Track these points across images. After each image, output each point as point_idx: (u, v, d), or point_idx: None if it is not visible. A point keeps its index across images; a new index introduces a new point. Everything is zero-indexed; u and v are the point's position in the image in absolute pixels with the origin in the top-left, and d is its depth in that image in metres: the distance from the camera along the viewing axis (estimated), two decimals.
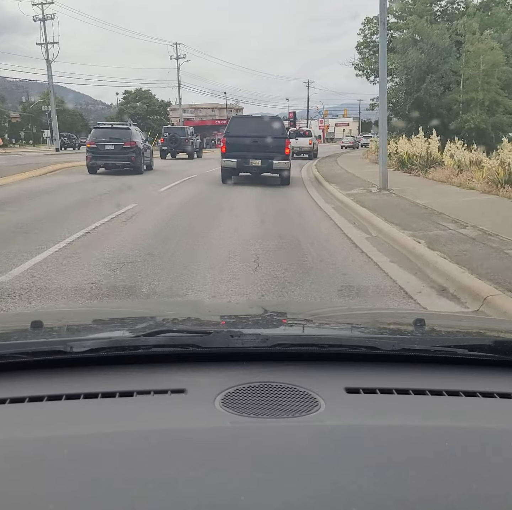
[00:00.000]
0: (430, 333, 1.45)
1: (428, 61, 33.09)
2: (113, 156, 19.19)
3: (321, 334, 1.47)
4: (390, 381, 1.15)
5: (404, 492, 0.77)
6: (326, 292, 4.91)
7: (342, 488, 0.77)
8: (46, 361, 1.18)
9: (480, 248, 6.26)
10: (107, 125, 22.08)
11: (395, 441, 0.92)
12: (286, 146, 15.38)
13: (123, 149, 19.14)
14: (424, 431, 0.96)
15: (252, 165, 15.26)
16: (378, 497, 0.75)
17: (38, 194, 13.11)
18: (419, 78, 33.26)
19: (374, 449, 0.88)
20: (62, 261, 6.00)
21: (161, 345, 1.23)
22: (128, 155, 19.20)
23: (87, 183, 16.47)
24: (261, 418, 0.98)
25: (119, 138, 19.32)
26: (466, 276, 5.03)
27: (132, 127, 20.90)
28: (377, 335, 1.45)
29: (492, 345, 1.27)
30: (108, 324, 1.63)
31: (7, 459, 0.86)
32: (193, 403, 1.05)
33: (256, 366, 1.20)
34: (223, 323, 1.61)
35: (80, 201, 11.80)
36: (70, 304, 4.56)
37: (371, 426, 0.97)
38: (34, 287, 4.95)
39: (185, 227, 8.53)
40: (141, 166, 19.93)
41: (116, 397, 1.06)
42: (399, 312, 2.76)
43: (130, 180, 16.42)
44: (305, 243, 7.35)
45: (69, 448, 0.88)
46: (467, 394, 1.10)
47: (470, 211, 9.44)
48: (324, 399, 1.04)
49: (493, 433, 0.97)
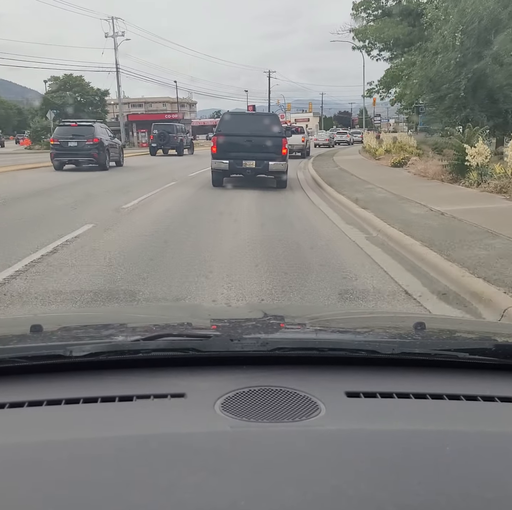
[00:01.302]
0: (430, 337, 1.45)
1: (498, 11, 17.18)
2: (76, 152, 19.78)
3: (321, 338, 1.47)
4: (390, 385, 1.15)
5: (405, 496, 0.77)
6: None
7: (342, 493, 0.77)
8: (46, 366, 1.18)
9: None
10: (71, 122, 22.41)
11: (395, 446, 0.91)
12: (283, 146, 13.99)
13: (86, 145, 19.62)
14: (425, 435, 0.95)
15: (246, 166, 13.80)
16: (378, 501, 0.75)
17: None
18: (483, 39, 17.57)
19: (374, 453, 0.88)
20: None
21: (160, 349, 1.22)
22: (91, 151, 19.66)
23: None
24: (261, 422, 0.97)
25: (82, 135, 19.85)
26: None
27: (96, 125, 21.52)
28: (377, 338, 1.45)
29: (493, 349, 1.26)
30: (107, 328, 1.62)
31: (6, 463, 0.86)
32: (193, 407, 1.04)
33: (256, 370, 1.20)
34: (223, 327, 1.61)
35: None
36: (69, 308, 4.54)
37: (371, 430, 0.97)
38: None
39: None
40: (105, 163, 20.23)
41: (115, 402, 1.06)
42: (398, 316, 2.76)
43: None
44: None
45: (69, 452, 0.88)
46: (468, 398, 1.10)
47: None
48: (324, 403, 1.04)
49: (494, 437, 0.96)
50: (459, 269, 5.31)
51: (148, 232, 7.70)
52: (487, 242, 6.50)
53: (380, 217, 8.62)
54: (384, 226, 7.97)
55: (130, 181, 16.42)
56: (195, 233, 7.81)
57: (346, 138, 59.27)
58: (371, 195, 11.71)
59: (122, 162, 23.02)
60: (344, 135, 60.79)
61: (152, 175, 18.44)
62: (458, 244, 6.40)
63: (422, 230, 7.37)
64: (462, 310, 4.54)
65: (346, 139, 58.70)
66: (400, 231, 7.38)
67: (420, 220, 8.23)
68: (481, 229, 7.27)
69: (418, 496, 0.76)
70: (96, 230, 7.86)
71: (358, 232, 8.17)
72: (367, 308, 4.58)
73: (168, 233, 7.71)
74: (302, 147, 30.95)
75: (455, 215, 8.45)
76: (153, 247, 6.79)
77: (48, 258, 6.06)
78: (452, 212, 8.74)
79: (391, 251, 6.80)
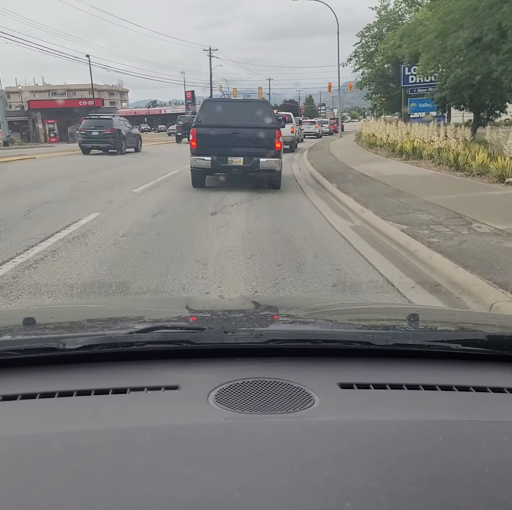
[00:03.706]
0: (423, 328, 1.46)
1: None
2: (98, 140, 25.75)
3: (315, 329, 1.47)
4: (383, 376, 1.16)
5: (397, 486, 0.77)
6: None
7: (336, 483, 0.77)
8: (39, 358, 1.18)
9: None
10: (95, 116, 28.64)
11: (388, 436, 0.92)
12: (276, 139, 11.62)
13: (105, 134, 25.62)
14: (418, 426, 0.96)
15: (232, 164, 11.50)
16: (371, 491, 0.75)
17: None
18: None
19: (367, 444, 0.88)
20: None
21: (154, 342, 1.22)
22: (109, 139, 25.61)
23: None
24: (255, 414, 0.98)
25: (102, 126, 25.81)
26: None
27: (115, 118, 27.48)
28: (370, 330, 1.45)
29: (485, 340, 1.27)
30: (101, 321, 1.62)
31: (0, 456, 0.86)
32: (187, 399, 1.04)
33: (250, 362, 1.20)
34: (217, 319, 1.61)
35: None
36: (63, 300, 4.53)
37: (364, 421, 0.97)
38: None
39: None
40: (122, 148, 26.14)
41: (109, 394, 1.06)
42: (392, 307, 2.77)
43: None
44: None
45: (62, 445, 0.88)
46: (460, 389, 1.10)
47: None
48: (318, 394, 1.04)
49: (485, 427, 0.97)
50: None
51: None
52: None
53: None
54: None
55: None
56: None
57: (315, 129, 47.79)
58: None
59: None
60: (313, 125, 48.57)
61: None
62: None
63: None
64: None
65: (315, 130, 47.28)
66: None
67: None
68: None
69: (410, 485, 0.77)
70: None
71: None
72: (361, 300, 4.59)
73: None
74: (291, 139, 26.80)
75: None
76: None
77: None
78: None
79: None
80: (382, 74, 39.20)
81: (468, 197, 9.73)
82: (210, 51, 61.87)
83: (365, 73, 41.50)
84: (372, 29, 41.58)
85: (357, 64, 42.10)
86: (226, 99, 16.54)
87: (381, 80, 40.05)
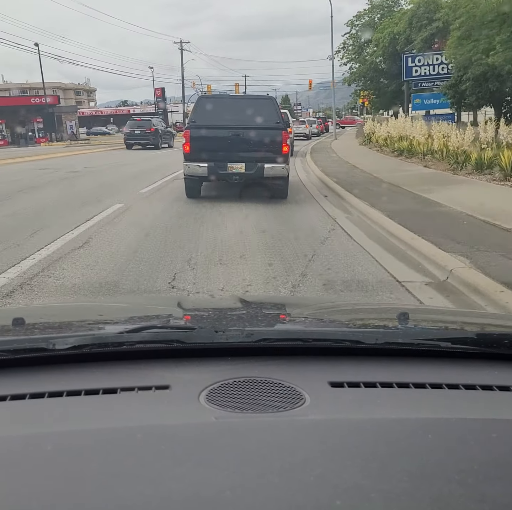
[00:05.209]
0: (413, 327, 1.47)
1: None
2: (139, 137, 31.73)
3: (306, 328, 1.48)
4: (374, 374, 1.16)
5: (388, 484, 0.78)
6: None
7: (327, 481, 0.77)
8: (28, 359, 1.17)
9: None
10: (137, 118, 34.82)
11: (379, 434, 0.92)
12: (283, 141, 9.87)
13: (146, 133, 31.61)
14: (408, 424, 0.97)
15: (232, 171, 9.86)
16: (362, 489, 0.76)
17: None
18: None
19: (358, 442, 0.89)
20: None
21: (145, 341, 1.22)
22: (148, 137, 31.64)
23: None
24: (246, 413, 0.98)
25: (143, 126, 31.81)
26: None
27: (154, 119, 33.93)
28: (361, 329, 1.46)
29: (474, 338, 1.28)
30: (91, 321, 1.61)
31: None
32: (178, 399, 1.04)
33: (241, 361, 1.20)
34: (208, 319, 1.60)
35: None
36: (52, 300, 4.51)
37: (355, 420, 0.98)
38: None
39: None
40: (158, 144, 32.01)
41: (99, 394, 1.05)
42: (383, 307, 2.79)
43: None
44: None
45: (53, 445, 0.87)
46: (450, 387, 1.11)
47: None
48: (308, 393, 1.04)
49: (475, 425, 0.98)
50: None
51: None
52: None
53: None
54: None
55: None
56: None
57: (305, 129, 40.90)
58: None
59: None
60: (302, 125, 41.47)
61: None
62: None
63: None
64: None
65: (304, 131, 40.49)
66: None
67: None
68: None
69: (401, 483, 0.77)
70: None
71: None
72: (351, 299, 4.61)
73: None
74: (290, 141, 22.97)
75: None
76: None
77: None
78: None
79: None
80: (375, 68, 36.81)
81: None
82: (181, 44, 59.23)
83: (353, 68, 39.28)
84: (362, 17, 39.57)
85: (344, 58, 39.78)
86: (224, 96, 13.96)
87: (373, 75, 37.65)
